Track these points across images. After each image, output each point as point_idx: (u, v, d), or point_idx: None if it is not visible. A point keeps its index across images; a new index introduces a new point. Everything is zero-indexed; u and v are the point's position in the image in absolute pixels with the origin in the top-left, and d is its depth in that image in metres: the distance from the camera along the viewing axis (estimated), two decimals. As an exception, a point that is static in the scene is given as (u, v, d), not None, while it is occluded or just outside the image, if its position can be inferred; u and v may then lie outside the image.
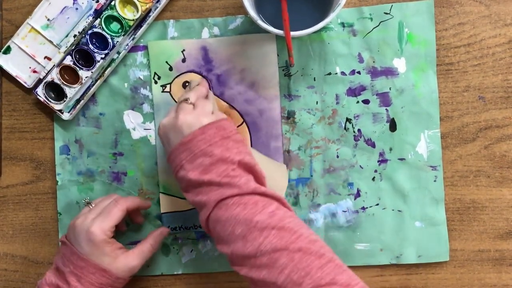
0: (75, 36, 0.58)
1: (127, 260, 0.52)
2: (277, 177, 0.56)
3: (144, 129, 0.60)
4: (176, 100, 0.60)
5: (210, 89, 0.60)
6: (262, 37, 0.59)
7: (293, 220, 0.44)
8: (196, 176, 0.46)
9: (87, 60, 0.58)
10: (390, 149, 0.58)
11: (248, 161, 0.47)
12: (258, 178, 0.48)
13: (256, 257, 0.42)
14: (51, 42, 0.60)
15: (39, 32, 0.60)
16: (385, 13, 0.58)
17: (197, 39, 0.59)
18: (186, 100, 0.50)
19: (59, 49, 0.59)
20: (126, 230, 0.60)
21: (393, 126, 0.58)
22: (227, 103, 0.59)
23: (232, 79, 0.59)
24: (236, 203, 0.45)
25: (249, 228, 0.43)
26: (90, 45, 0.58)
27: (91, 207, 0.54)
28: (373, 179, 0.59)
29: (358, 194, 0.59)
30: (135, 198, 0.56)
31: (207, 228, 0.48)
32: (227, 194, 0.45)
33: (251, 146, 0.59)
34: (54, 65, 0.58)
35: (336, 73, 0.59)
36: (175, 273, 0.60)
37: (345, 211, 0.59)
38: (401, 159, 0.58)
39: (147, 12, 0.59)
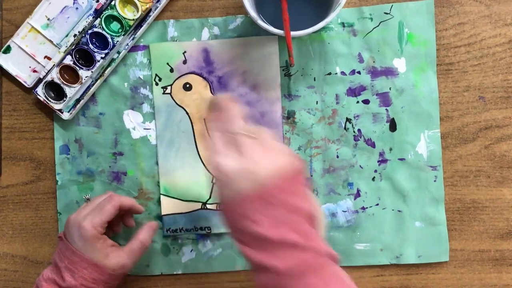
0: (75, 35, 0.58)
1: (118, 258, 0.52)
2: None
3: (144, 128, 0.60)
4: (178, 102, 0.59)
5: (211, 90, 0.60)
6: (264, 39, 0.59)
7: None
8: (273, 233, 0.38)
9: (87, 59, 0.58)
10: (390, 149, 0.58)
11: (315, 212, 0.41)
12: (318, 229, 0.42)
13: None
14: (51, 41, 0.60)
15: (39, 32, 0.60)
16: (385, 13, 0.58)
17: (199, 41, 0.59)
18: (246, 133, 0.40)
19: (59, 48, 0.59)
20: (121, 233, 0.60)
21: (393, 126, 0.58)
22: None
23: (233, 81, 0.59)
24: (311, 272, 0.38)
25: None
26: (90, 45, 0.58)
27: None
28: (373, 179, 0.58)
29: (358, 194, 0.59)
30: (130, 198, 0.56)
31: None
32: (308, 262, 0.38)
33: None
34: (54, 64, 0.58)
35: (336, 73, 0.58)
36: (175, 273, 0.60)
37: (345, 211, 0.59)
38: (401, 159, 0.58)
39: (147, 12, 0.59)
